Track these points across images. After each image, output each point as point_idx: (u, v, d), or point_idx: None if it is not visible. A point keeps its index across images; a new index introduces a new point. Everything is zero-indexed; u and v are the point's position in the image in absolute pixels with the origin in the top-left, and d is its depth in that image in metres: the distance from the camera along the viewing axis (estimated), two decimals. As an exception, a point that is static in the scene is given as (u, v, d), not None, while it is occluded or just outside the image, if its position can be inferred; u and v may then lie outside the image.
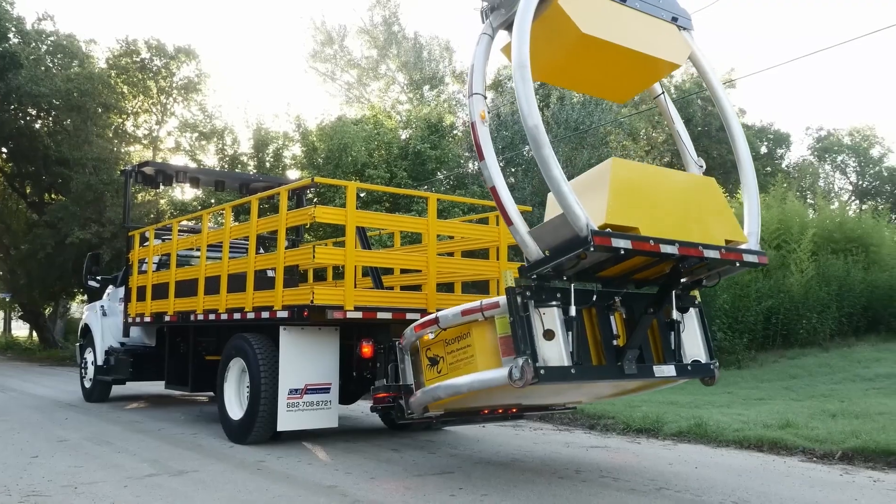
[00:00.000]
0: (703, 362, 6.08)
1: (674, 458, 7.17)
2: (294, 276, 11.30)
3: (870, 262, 18.61)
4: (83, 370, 12.39)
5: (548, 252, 5.15)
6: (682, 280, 5.81)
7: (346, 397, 8.48)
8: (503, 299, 5.29)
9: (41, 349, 32.40)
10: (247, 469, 6.49)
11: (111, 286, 12.46)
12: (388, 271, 9.69)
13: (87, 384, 12.19)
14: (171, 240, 10.01)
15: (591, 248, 4.81)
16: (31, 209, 30.39)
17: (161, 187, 14.39)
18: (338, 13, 75.13)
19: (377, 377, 6.81)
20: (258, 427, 7.54)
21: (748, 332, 15.55)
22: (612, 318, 5.69)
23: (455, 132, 26.90)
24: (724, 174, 37.03)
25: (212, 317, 8.67)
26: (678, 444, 7.96)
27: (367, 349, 7.22)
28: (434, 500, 5.35)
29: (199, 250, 9.39)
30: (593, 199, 5.15)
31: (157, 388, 12.25)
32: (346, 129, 23.08)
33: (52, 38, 27.01)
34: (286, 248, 8.13)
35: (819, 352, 15.63)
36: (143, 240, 11.23)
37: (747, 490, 5.73)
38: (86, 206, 24.81)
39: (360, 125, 24.22)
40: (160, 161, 24.84)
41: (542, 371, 5.06)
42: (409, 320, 7.60)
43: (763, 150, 43.09)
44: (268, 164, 26.20)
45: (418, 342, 6.07)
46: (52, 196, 29.39)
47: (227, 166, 26.59)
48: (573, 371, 5.22)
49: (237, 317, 8.18)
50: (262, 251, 10.92)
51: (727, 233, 5.67)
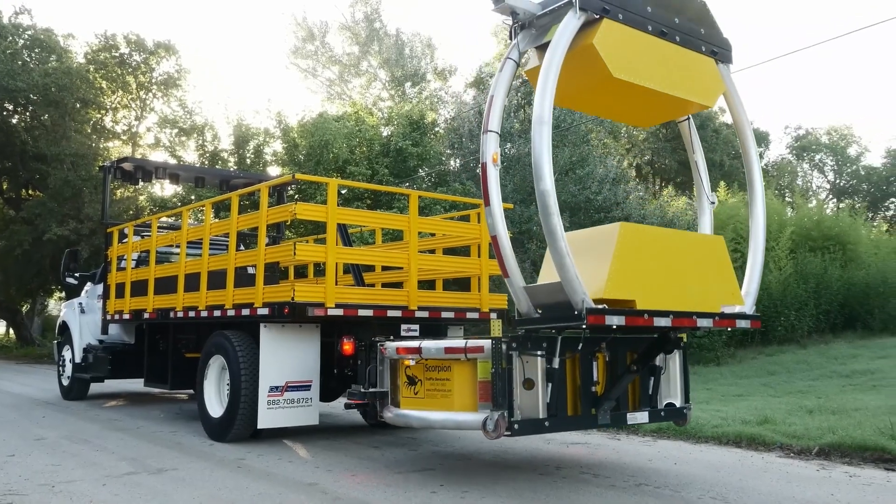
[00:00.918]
0: (678, 406, 6.20)
1: (653, 454, 7.22)
2: (275, 274, 11.26)
3: (847, 259, 18.84)
4: (61, 368, 12.29)
5: (540, 311, 5.18)
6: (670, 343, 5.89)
7: (327, 395, 8.46)
8: (488, 344, 5.32)
9: (18, 347, 32.08)
10: (227, 467, 6.46)
11: (89, 283, 12.36)
12: (370, 268, 9.67)
13: (65, 382, 12.09)
14: (150, 236, 9.95)
15: (584, 326, 4.89)
16: (8, 205, 30.02)
17: (140, 184, 14.31)
18: (319, 9, 74.93)
19: (357, 377, 6.82)
20: (238, 425, 7.51)
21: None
22: (594, 363, 5.74)
23: (437, 129, 26.88)
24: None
25: (192, 314, 8.62)
26: (658, 441, 8.01)
27: (348, 347, 7.21)
28: (415, 497, 5.35)
29: (178, 247, 9.34)
30: (595, 266, 5.15)
31: (137, 385, 12.17)
32: (328, 126, 22.99)
33: (29, 33, 26.68)
34: (267, 244, 8.10)
35: (797, 349, 15.80)
36: (122, 236, 11.13)
37: (725, 485, 5.78)
38: (64, 202, 24.56)
39: (342, 122, 24.13)
40: (139, 157, 24.64)
41: (517, 426, 5.25)
42: (391, 317, 7.63)
43: (742, 148, 43.37)
44: (248, 161, 26.05)
45: (399, 361, 6.08)
46: (30, 192, 29.06)
47: (207, 163, 26.41)
48: (547, 424, 5.42)
49: (217, 314, 8.14)
50: (242, 248, 10.87)
51: (726, 297, 5.76)
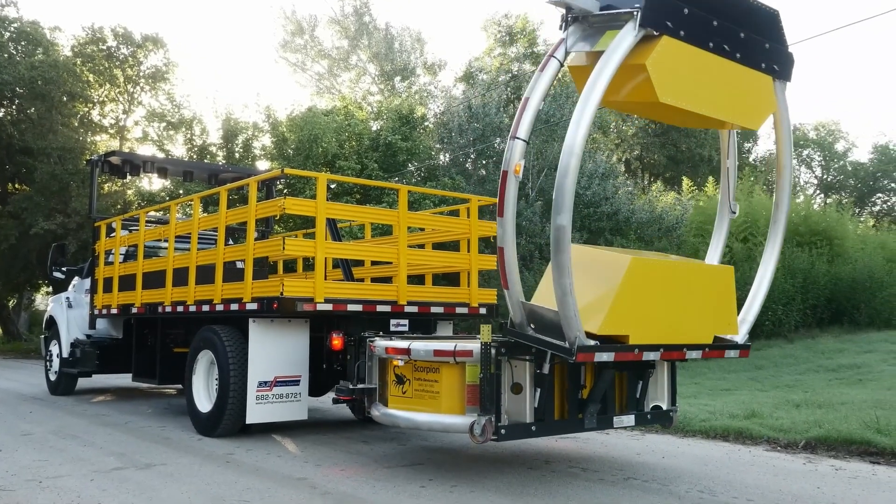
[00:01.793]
0: (664, 409, 6.24)
1: (642, 448, 7.25)
2: (264, 268, 11.23)
3: (834, 254, 18.97)
4: (48, 363, 12.22)
5: (533, 327, 5.18)
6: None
7: (316, 389, 8.46)
8: (477, 349, 5.32)
9: (5, 342, 31.87)
10: (215, 462, 6.45)
11: (77, 277, 12.30)
12: (359, 263, 9.67)
13: (53, 377, 12.03)
14: (138, 231, 9.90)
15: (572, 360, 4.92)
16: (-6, 200, 29.83)
17: (128, 177, 14.22)
18: (308, 3, 74.64)
19: (346, 373, 6.82)
20: (227, 420, 7.49)
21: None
22: (583, 367, 5.75)
23: (426, 124, 26.85)
24: (692, 167, 37.44)
25: (180, 309, 8.59)
26: (646, 435, 8.05)
27: (337, 341, 7.20)
28: (404, 491, 5.36)
29: (166, 241, 9.30)
30: (596, 295, 5.11)
31: (125, 380, 12.12)
32: (317, 120, 22.92)
33: (15, 25, 26.45)
34: (256, 239, 8.08)
35: (784, 343, 15.90)
36: (110, 231, 11.08)
37: (713, 479, 5.82)
38: (51, 196, 24.40)
39: (331, 116, 24.07)
40: (127, 151, 24.52)
41: (504, 430, 5.30)
42: (380, 312, 7.62)
43: (731, 143, 43.53)
44: (237, 155, 25.96)
45: (388, 360, 6.09)
46: (16, 186, 28.83)
47: (195, 157, 26.30)
48: (534, 428, 5.47)
49: (206, 309, 8.11)
50: (231, 242, 10.83)
51: (721, 327, 5.78)
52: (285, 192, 21.33)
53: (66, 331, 11.66)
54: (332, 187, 21.39)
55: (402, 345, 5.91)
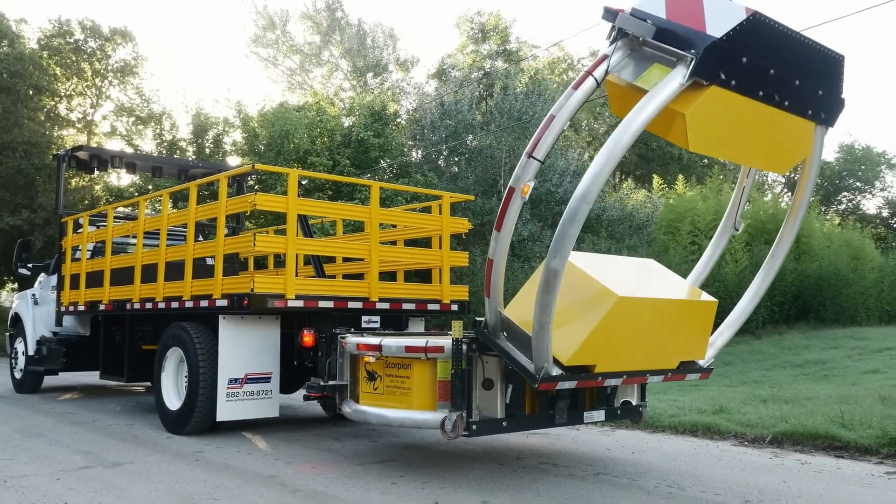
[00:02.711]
0: (634, 404, 6.29)
1: (612, 443, 7.31)
2: (234, 265, 11.14)
3: (800, 252, 19.26)
4: (13, 360, 12.04)
5: (505, 335, 5.19)
6: None
7: (288, 386, 8.41)
8: (448, 345, 5.33)
9: (-32, 339, 31.29)
10: (185, 460, 6.39)
11: (43, 274, 12.12)
12: (331, 260, 9.63)
13: (18, 375, 11.85)
14: (106, 226, 9.78)
15: (535, 386, 4.96)
16: (-42, 194, 29.27)
17: (96, 173, 14.04)
18: (280, -3, 73.94)
19: (317, 369, 6.80)
20: (197, 417, 7.43)
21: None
22: None
23: (399, 120, 26.80)
24: (662, 165, 37.77)
25: (149, 305, 8.50)
26: (616, 431, 8.12)
27: (308, 338, 7.17)
28: (375, 488, 5.36)
29: (135, 237, 9.19)
30: (572, 325, 5.01)
31: (92, 378, 11.96)
32: (288, 116, 22.78)
33: (-21, 17, 25.98)
34: (226, 235, 8.01)
35: (752, 339, 16.12)
36: (77, 226, 10.93)
37: (682, 474, 5.89)
38: (16, 191, 24.01)
39: (303, 112, 23.92)
40: (95, 146, 24.18)
41: (475, 426, 5.33)
42: (352, 309, 7.60)
43: (701, 142, 43.94)
44: (207, 151, 25.72)
45: (360, 357, 6.08)
46: (-19, 181, 28.35)
47: (164, 152, 26.02)
48: (505, 424, 5.49)
49: (175, 305, 8.04)
50: (200, 239, 10.74)
51: (689, 353, 5.80)
52: (256, 188, 21.16)
53: (31, 328, 11.50)
54: (304, 183, 21.26)
55: (374, 341, 5.90)
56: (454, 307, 8.44)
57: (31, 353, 11.31)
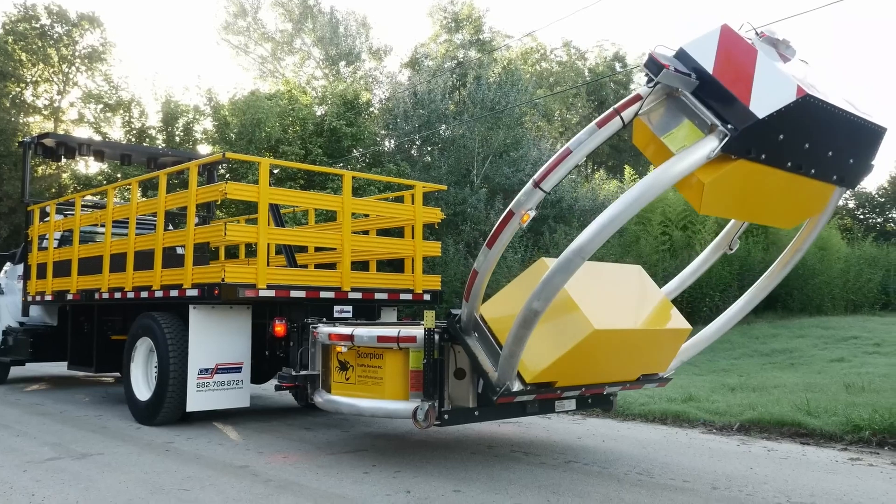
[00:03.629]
0: (604, 393, 6.31)
1: (583, 432, 7.38)
2: (205, 254, 11.06)
3: (769, 242, 19.50)
4: (-21, 351, 11.82)
5: (476, 336, 5.23)
6: None
7: (259, 377, 8.37)
8: (421, 335, 5.34)
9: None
10: (155, 451, 6.34)
11: (9, 263, 11.94)
12: (303, 249, 9.58)
13: (-17, 366, 11.65)
14: (73, 215, 9.65)
15: (493, 399, 5.05)
16: (-80, 182, 28.67)
17: (63, 160, 13.81)
18: (251, -16, 72.97)
19: (289, 359, 6.77)
20: (167, 408, 7.38)
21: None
22: None
23: (371, 109, 26.69)
24: (634, 156, 37.98)
25: (117, 295, 8.41)
26: (587, 419, 8.19)
27: (279, 328, 7.14)
28: (347, 478, 5.36)
29: (103, 226, 9.07)
30: (542, 345, 4.91)
31: (60, 369, 11.82)
32: (260, 104, 22.60)
33: (-59, 0, 25.42)
34: (196, 224, 7.94)
35: (721, 329, 16.27)
36: (44, 215, 10.76)
37: (651, 461, 5.95)
38: (-19, 179, 23.59)
39: (275, 100, 23.75)
40: (62, 133, 23.80)
41: (447, 416, 5.37)
42: (324, 299, 7.57)
43: (672, 133, 44.29)
44: (177, 139, 25.45)
45: (332, 346, 6.06)
46: (-56, 168, 27.80)
47: (133, 140, 25.68)
48: (477, 413, 5.53)
49: (144, 295, 7.96)
50: (171, 228, 10.63)
51: (652, 367, 5.81)
52: (227, 176, 21.00)
53: (-3, 318, 11.32)
54: (276, 172, 21.13)
55: (346, 331, 5.89)
56: (427, 297, 8.45)
57: (-4, 343, 11.13)
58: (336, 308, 7.73)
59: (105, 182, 22.46)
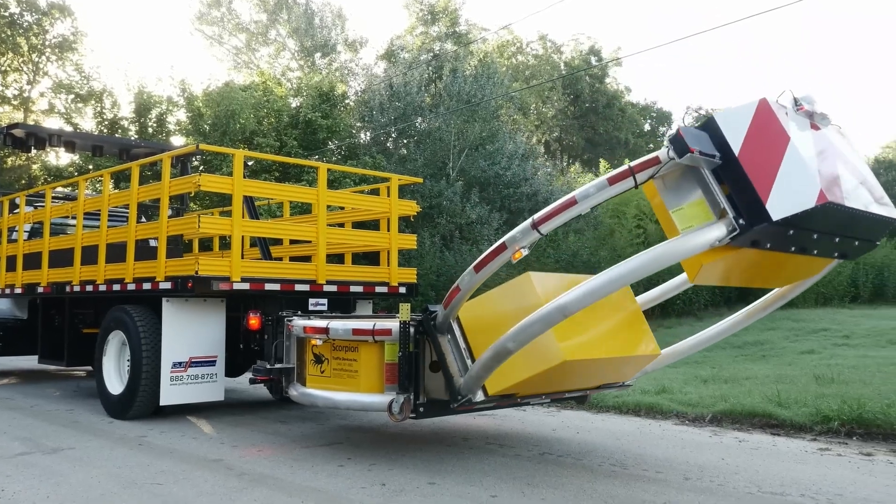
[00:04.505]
0: (565, 397, 6.34)
1: (557, 424, 7.42)
2: (178, 247, 10.95)
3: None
4: (-54, 345, 11.64)
5: (449, 338, 5.27)
6: None
7: (233, 370, 8.34)
8: (396, 327, 5.33)
9: None
10: (127, 445, 6.29)
11: (-23, 256, 11.73)
12: (277, 242, 9.53)
13: (-48, 360, 11.49)
14: (44, 207, 9.51)
15: (453, 406, 5.14)
16: None
17: (33, 151, 13.59)
18: (225, -26, 72.21)
19: (264, 352, 6.74)
20: (139, 402, 7.32)
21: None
22: None
23: (347, 102, 26.57)
24: (609, 149, 38.23)
25: (89, 288, 8.31)
26: (562, 411, 8.24)
27: (254, 321, 7.10)
28: (322, 471, 5.35)
29: (74, 218, 8.96)
30: (513, 363, 4.79)
31: (30, 362, 11.67)
32: (234, 96, 22.42)
33: None
34: (170, 216, 7.87)
35: (694, 321, 16.49)
36: (13, 207, 10.61)
37: (625, 453, 6.01)
38: (-52, 169, 23.18)
39: (249, 92, 23.57)
40: (32, 123, 23.45)
41: (422, 408, 5.37)
42: (299, 292, 7.55)
43: (647, 127, 44.67)
44: (150, 130, 25.15)
45: (307, 339, 6.04)
46: None
47: (106, 131, 25.36)
48: (453, 405, 5.42)
49: (117, 288, 7.88)
50: (143, 220, 10.53)
51: (616, 378, 5.80)
52: (201, 168, 20.82)
53: (-35, 311, 11.14)
54: (250, 164, 20.97)
55: (321, 324, 5.87)
56: (402, 290, 8.45)
57: (-36, 337, 10.97)
58: (311, 301, 7.71)
59: (76, 173, 22.18)
